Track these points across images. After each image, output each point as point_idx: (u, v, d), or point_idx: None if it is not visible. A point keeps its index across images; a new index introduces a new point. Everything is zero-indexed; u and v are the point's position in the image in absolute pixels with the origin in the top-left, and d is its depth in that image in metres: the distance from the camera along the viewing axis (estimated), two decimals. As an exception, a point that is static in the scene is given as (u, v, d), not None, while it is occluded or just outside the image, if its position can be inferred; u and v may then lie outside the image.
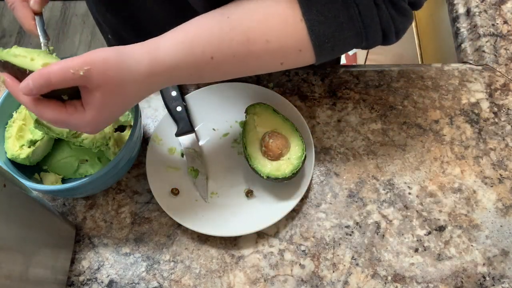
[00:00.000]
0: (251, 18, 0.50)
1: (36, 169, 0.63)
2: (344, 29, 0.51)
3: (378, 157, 0.66)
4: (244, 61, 0.52)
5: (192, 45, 0.49)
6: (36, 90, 0.45)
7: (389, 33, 0.53)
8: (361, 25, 0.51)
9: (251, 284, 0.59)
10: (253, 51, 0.51)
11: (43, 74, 0.44)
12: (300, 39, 0.51)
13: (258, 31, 0.50)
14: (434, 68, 0.73)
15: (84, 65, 0.44)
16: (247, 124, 0.64)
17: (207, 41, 0.49)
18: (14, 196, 0.48)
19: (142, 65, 0.47)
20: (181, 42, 0.49)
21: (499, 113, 0.69)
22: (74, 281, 0.60)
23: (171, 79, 0.51)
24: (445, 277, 0.59)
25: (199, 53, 0.49)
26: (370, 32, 0.51)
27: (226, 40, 0.50)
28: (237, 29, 0.50)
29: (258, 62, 0.53)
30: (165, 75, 0.49)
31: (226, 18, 0.50)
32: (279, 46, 0.51)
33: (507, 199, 0.63)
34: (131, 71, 0.47)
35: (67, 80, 0.44)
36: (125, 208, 0.64)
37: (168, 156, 0.66)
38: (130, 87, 0.48)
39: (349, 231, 0.62)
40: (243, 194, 0.64)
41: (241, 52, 0.50)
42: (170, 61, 0.48)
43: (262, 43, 0.50)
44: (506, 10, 0.77)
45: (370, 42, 0.53)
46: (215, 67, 0.51)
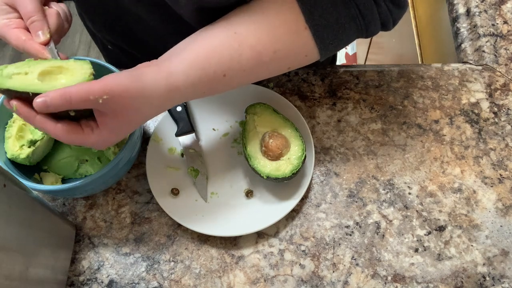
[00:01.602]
0: (257, 31, 0.51)
1: (36, 169, 0.62)
2: (346, 28, 0.52)
3: (378, 157, 0.66)
4: (254, 72, 0.53)
5: (204, 67, 0.50)
6: (53, 108, 0.45)
7: (387, 24, 0.56)
8: (362, 23, 0.53)
9: (251, 284, 0.59)
10: (262, 62, 0.52)
11: (64, 95, 0.44)
12: (306, 45, 0.53)
13: (266, 43, 0.51)
14: (434, 68, 0.73)
15: (104, 94, 0.45)
16: (247, 124, 0.64)
17: (218, 61, 0.51)
18: (14, 196, 0.48)
19: (159, 91, 0.49)
20: (193, 65, 0.50)
21: (499, 113, 0.69)
22: (74, 281, 0.60)
23: (185, 99, 0.53)
24: (445, 277, 0.59)
25: (211, 73, 0.51)
26: (370, 27, 0.54)
27: (236, 57, 0.51)
28: (245, 44, 0.51)
29: (267, 71, 0.55)
30: (179, 97, 0.51)
31: (233, 33, 0.51)
32: (287, 54, 0.53)
33: (507, 199, 0.63)
34: (149, 98, 0.48)
35: (86, 104, 0.45)
36: (125, 208, 0.64)
37: (168, 156, 0.66)
38: (146, 111, 0.50)
39: (349, 231, 0.62)
40: (243, 194, 0.64)
41: (250, 65, 0.52)
42: (184, 84, 0.50)
43: (271, 54, 0.52)
44: (506, 10, 0.77)
45: (369, 34, 0.56)
46: (227, 83, 0.53)
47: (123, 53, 0.75)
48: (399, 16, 0.56)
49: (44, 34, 0.51)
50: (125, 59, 0.76)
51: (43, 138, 0.59)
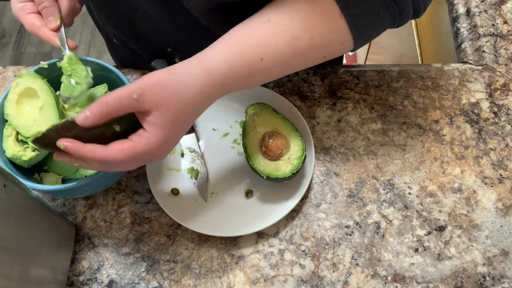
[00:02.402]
0: (292, 18, 0.51)
1: (36, 169, 0.62)
2: (380, 16, 0.52)
3: (378, 157, 0.66)
4: (290, 59, 0.52)
5: (240, 51, 0.49)
6: (93, 118, 0.44)
7: (419, 10, 0.55)
8: (396, 10, 0.53)
9: (251, 284, 0.59)
10: (298, 48, 0.51)
11: (100, 102, 0.44)
12: (341, 33, 0.52)
13: (301, 29, 0.51)
14: (434, 68, 0.73)
15: (137, 90, 0.44)
16: (247, 124, 0.64)
17: (254, 45, 0.50)
18: (14, 196, 0.48)
19: (196, 76, 0.47)
20: (228, 50, 0.49)
21: (499, 113, 0.69)
22: (74, 281, 0.60)
23: (226, 87, 0.50)
24: (445, 277, 0.59)
25: (248, 57, 0.50)
26: (403, 14, 0.54)
27: (272, 42, 0.50)
28: (280, 30, 0.50)
29: (304, 59, 0.54)
30: (219, 84, 0.49)
31: (266, 20, 0.51)
32: (322, 42, 0.52)
33: (507, 199, 0.63)
34: (186, 86, 0.47)
35: (122, 105, 0.44)
36: (125, 208, 0.64)
37: (168, 156, 0.66)
38: (188, 101, 0.47)
39: (349, 231, 0.62)
40: (243, 194, 0.64)
41: (287, 51, 0.51)
42: (221, 68, 0.48)
43: (307, 40, 0.51)
44: (506, 10, 0.77)
45: (402, 22, 0.55)
46: (266, 68, 0.51)
47: (127, 47, 0.75)
48: (429, 1, 0.56)
49: (55, 20, 0.51)
50: (130, 54, 0.76)
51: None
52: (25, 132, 0.58)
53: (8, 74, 0.75)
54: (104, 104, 0.44)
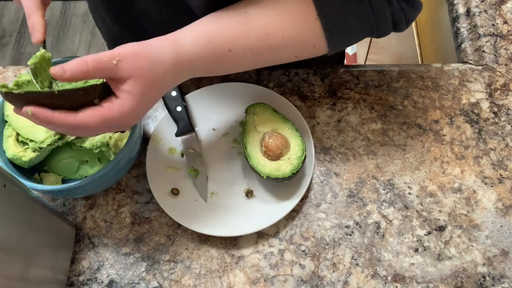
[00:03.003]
0: (268, 14, 0.51)
1: (36, 169, 0.62)
2: (357, 24, 0.53)
3: (378, 157, 0.66)
4: (261, 54, 0.53)
5: (210, 38, 0.50)
6: (70, 74, 0.44)
7: (400, 24, 0.55)
8: (373, 21, 0.53)
9: (251, 284, 0.59)
10: (270, 45, 0.52)
11: (81, 61, 0.44)
12: (315, 36, 0.53)
13: (275, 27, 0.51)
14: (434, 68, 0.73)
15: (116, 55, 0.45)
16: (247, 124, 0.64)
17: (224, 34, 0.51)
18: (14, 196, 0.48)
19: (168, 55, 0.49)
20: (199, 35, 0.50)
21: (499, 113, 0.69)
22: (74, 281, 0.60)
23: (193, 71, 0.52)
24: (445, 277, 0.59)
25: (218, 45, 0.51)
26: (381, 26, 0.54)
27: (243, 33, 0.51)
28: (254, 23, 0.51)
29: (274, 55, 0.54)
30: (188, 65, 0.50)
31: (243, 11, 0.51)
32: (295, 41, 0.53)
33: (507, 199, 0.63)
34: (160, 61, 0.48)
35: (101, 68, 0.45)
36: (125, 208, 0.64)
37: (168, 156, 0.66)
38: (161, 75, 0.49)
39: (349, 231, 0.62)
40: (243, 194, 0.64)
41: (258, 45, 0.52)
42: (191, 52, 0.50)
43: (279, 38, 0.52)
44: (506, 10, 0.77)
45: (381, 34, 0.56)
46: (232, 59, 0.52)
47: None
48: (413, 16, 0.56)
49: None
50: None
51: (51, 144, 0.59)
52: (25, 133, 0.58)
53: (8, 74, 0.75)
54: (84, 63, 0.44)
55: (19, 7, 2.09)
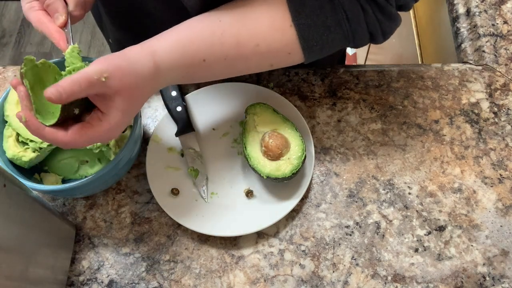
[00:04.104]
0: (242, 22, 0.52)
1: (36, 169, 0.62)
2: (332, 32, 0.53)
3: (378, 157, 0.66)
4: (234, 63, 0.53)
5: (185, 48, 0.51)
6: (66, 96, 0.45)
7: (376, 35, 0.55)
8: (348, 29, 0.53)
9: (251, 284, 0.59)
10: (243, 53, 0.52)
11: (73, 82, 0.45)
12: (289, 43, 0.53)
13: (248, 35, 0.52)
14: (434, 68, 0.73)
15: (103, 72, 0.46)
16: (247, 124, 0.64)
17: (199, 44, 0.51)
18: (14, 196, 0.48)
19: (149, 69, 0.50)
20: (175, 45, 0.51)
21: (499, 113, 0.69)
22: (74, 281, 0.60)
23: (170, 80, 0.53)
24: (445, 277, 0.59)
25: (191, 55, 0.51)
26: (357, 35, 0.54)
27: (217, 44, 0.51)
28: (227, 33, 0.51)
29: (248, 64, 0.55)
30: (165, 75, 0.51)
31: (218, 21, 0.52)
32: (269, 49, 0.53)
33: (507, 199, 0.63)
34: (142, 76, 0.49)
35: (92, 86, 0.45)
36: (125, 208, 0.64)
37: (168, 156, 0.66)
38: (143, 90, 0.50)
39: (349, 231, 0.62)
40: (243, 194, 0.64)
41: (231, 54, 0.52)
42: (166, 65, 0.51)
43: (252, 46, 0.52)
44: (506, 10, 0.77)
45: (358, 43, 0.55)
46: (207, 68, 0.53)
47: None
48: (390, 29, 0.55)
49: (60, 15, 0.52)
50: None
51: (51, 144, 0.59)
52: (25, 133, 0.58)
53: (8, 74, 0.75)
54: (77, 83, 0.45)
55: (19, 7, 2.09)
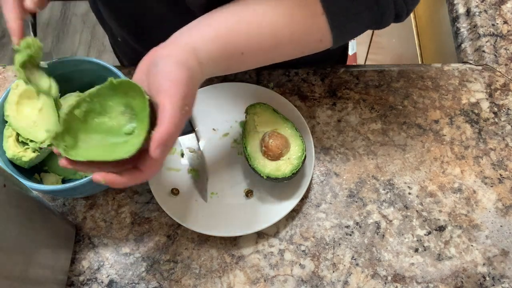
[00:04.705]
0: (275, 11, 0.51)
1: (36, 169, 0.62)
2: (362, 17, 0.53)
3: (378, 157, 0.66)
4: (270, 52, 0.53)
5: (225, 44, 0.50)
6: (168, 152, 0.44)
7: (401, 14, 0.55)
8: (377, 12, 0.53)
9: (251, 284, 0.59)
10: (278, 43, 0.52)
11: (171, 133, 0.42)
12: (321, 30, 0.53)
13: (283, 24, 0.52)
14: (434, 68, 0.73)
15: (185, 101, 0.44)
16: (247, 124, 0.64)
17: (237, 38, 0.51)
18: (14, 196, 0.48)
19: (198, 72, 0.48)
20: (214, 40, 0.50)
21: (499, 113, 0.69)
22: (74, 281, 0.60)
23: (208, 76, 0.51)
24: (445, 277, 0.59)
25: (231, 49, 0.51)
26: (384, 17, 0.54)
27: (254, 35, 0.51)
28: (263, 23, 0.51)
29: (282, 53, 0.55)
30: (206, 74, 0.50)
31: (252, 11, 0.51)
32: (302, 37, 0.53)
33: (507, 199, 0.63)
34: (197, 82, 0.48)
35: (183, 122, 0.44)
36: (125, 208, 0.64)
37: (168, 156, 0.66)
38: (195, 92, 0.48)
39: (349, 231, 0.62)
40: (243, 194, 0.64)
41: (267, 44, 0.52)
42: (209, 61, 0.49)
43: (287, 35, 0.52)
44: (506, 10, 0.77)
45: (383, 25, 0.56)
46: (244, 60, 0.53)
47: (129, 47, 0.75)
48: (413, 6, 0.56)
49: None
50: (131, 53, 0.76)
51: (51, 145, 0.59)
52: (25, 133, 0.58)
53: (8, 74, 0.75)
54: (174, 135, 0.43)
55: (19, 7, 2.09)
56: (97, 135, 0.47)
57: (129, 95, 0.46)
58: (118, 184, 0.44)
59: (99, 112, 0.47)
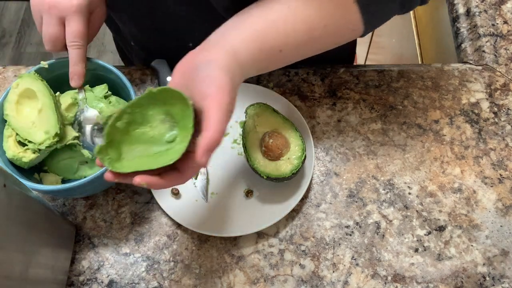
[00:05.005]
0: (308, 6, 0.51)
1: (36, 169, 0.62)
2: (391, 2, 0.53)
3: (378, 157, 0.66)
4: (306, 47, 0.53)
5: (262, 43, 0.50)
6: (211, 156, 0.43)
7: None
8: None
9: (251, 284, 0.59)
10: (313, 37, 0.52)
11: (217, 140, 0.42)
12: (353, 20, 0.53)
13: (317, 17, 0.52)
14: (434, 68, 0.73)
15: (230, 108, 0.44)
16: (247, 124, 0.64)
17: (275, 36, 0.51)
18: (14, 196, 0.48)
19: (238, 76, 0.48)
20: (253, 40, 0.50)
21: (499, 113, 0.69)
22: (74, 281, 0.60)
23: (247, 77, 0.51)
24: (445, 277, 0.59)
25: (269, 49, 0.51)
26: (413, 1, 0.55)
27: (291, 32, 0.51)
28: (299, 18, 0.51)
29: (316, 46, 0.55)
30: (246, 75, 0.50)
31: (286, 7, 0.51)
32: (336, 29, 0.53)
33: (507, 199, 0.63)
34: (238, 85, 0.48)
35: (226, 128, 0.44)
36: (125, 208, 0.64)
37: (168, 156, 0.66)
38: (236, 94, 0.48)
39: (349, 231, 0.62)
40: (243, 194, 0.64)
41: (304, 40, 0.52)
42: (249, 62, 0.50)
43: (321, 28, 0.52)
44: (506, 10, 0.77)
45: (410, 8, 0.56)
46: (282, 58, 0.53)
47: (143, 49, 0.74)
48: None
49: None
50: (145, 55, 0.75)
51: (49, 146, 0.59)
52: (24, 134, 0.58)
53: (8, 74, 0.75)
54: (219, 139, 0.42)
55: (19, 7, 2.09)
56: (139, 145, 0.47)
57: (168, 102, 0.46)
58: (158, 186, 0.44)
59: (140, 123, 0.47)
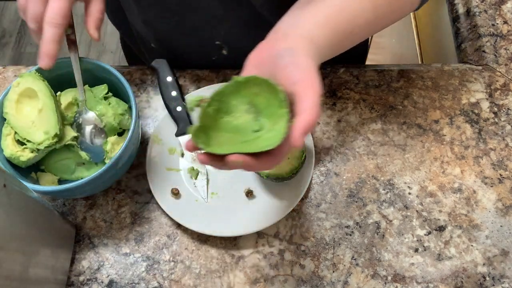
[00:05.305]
0: None
1: (33, 168, 0.62)
2: None
3: (378, 157, 0.66)
4: (373, 25, 0.54)
5: (335, 26, 0.51)
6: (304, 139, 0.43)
7: None
8: None
9: (251, 284, 0.59)
10: (378, 15, 0.53)
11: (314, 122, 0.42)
12: None
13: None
14: (434, 68, 0.73)
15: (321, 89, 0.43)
16: (247, 124, 0.64)
17: (347, 17, 0.51)
18: (14, 196, 0.48)
19: (318, 61, 0.48)
20: (326, 25, 0.50)
21: (499, 113, 0.69)
22: (74, 281, 0.60)
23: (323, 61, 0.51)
24: (445, 277, 0.59)
25: (342, 30, 0.51)
26: None
27: (359, 11, 0.52)
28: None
29: (380, 24, 0.56)
30: (322, 60, 0.50)
31: None
32: (398, 4, 0.55)
33: (507, 199, 0.63)
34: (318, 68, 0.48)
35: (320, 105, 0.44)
36: (125, 208, 0.64)
37: (168, 156, 0.66)
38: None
39: (349, 231, 0.62)
40: (243, 194, 0.64)
41: (370, 19, 0.53)
42: (325, 47, 0.50)
43: (385, 6, 0.53)
44: (506, 10, 0.77)
45: None
46: (353, 38, 0.53)
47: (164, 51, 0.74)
48: None
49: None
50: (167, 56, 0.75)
51: (48, 146, 0.58)
52: (23, 133, 0.58)
53: (8, 74, 0.75)
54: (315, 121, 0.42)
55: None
56: (225, 133, 0.46)
57: (251, 92, 0.46)
58: (253, 167, 0.44)
59: (226, 112, 0.47)
